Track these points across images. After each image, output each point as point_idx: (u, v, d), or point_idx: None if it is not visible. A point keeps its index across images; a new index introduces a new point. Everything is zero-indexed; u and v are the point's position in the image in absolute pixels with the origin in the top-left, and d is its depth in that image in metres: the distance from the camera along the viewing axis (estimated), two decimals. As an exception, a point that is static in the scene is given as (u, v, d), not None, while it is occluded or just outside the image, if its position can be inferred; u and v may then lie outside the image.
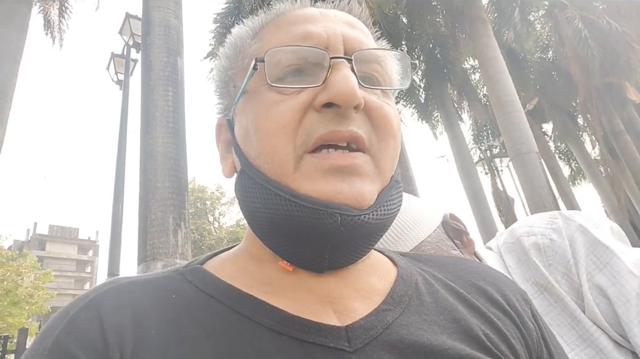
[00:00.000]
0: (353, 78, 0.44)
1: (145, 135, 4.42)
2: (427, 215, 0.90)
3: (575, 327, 0.79)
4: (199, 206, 24.69)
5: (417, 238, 0.85)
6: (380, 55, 0.51)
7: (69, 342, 0.39)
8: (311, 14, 0.51)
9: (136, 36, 7.40)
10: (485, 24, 9.67)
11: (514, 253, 0.90)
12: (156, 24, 4.97)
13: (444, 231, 0.89)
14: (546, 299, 0.82)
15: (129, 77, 7.80)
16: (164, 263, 3.78)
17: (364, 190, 0.44)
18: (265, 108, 0.46)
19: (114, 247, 5.82)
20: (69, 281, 48.20)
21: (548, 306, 0.82)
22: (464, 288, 0.53)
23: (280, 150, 0.44)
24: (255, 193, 0.46)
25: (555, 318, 0.81)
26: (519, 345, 0.48)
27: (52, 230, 50.85)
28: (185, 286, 0.46)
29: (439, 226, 0.89)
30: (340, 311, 0.45)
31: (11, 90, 5.94)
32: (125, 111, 7.21)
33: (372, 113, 0.47)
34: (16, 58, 6.13)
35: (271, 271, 0.48)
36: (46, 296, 19.39)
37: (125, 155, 6.77)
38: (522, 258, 0.88)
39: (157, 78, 4.65)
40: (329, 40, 0.48)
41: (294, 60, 0.47)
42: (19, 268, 18.16)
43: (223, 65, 0.56)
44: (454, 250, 0.87)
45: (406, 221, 0.86)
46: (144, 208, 4.08)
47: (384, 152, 0.47)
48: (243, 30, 0.55)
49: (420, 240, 0.85)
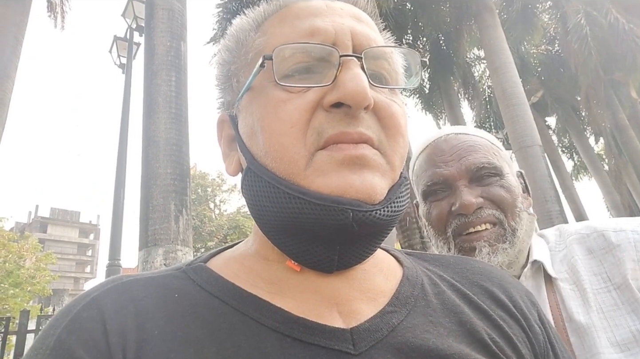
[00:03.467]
0: (364, 78, 0.43)
1: (147, 120, 4.40)
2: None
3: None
4: (199, 192, 24.74)
5: (505, 153, 0.99)
6: (388, 51, 0.50)
7: (71, 342, 0.39)
8: (317, 7, 0.50)
9: (139, 19, 7.32)
10: (492, 13, 9.55)
11: (588, 244, 0.89)
12: (160, 7, 4.91)
13: (517, 177, 0.99)
14: (613, 298, 0.81)
15: (131, 61, 7.74)
16: (165, 249, 3.79)
17: (375, 182, 0.43)
18: (273, 106, 0.45)
19: (115, 232, 5.84)
20: (70, 263, 48.63)
21: (613, 305, 0.80)
22: (470, 289, 0.52)
23: (290, 149, 0.43)
24: (263, 191, 0.45)
25: (617, 318, 0.79)
26: (525, 349, 0.48)
27: (54, 212, 51.16)
28: (188, 285, 0.46)
29: (514, 168, 1.00)
30: (346, 313, 0.44)
31: (13, 72, 5.90)
32: (127, 95, 7.17)
33: (381, 113, 0.46)
34: (18, 39, 6.08)
35: (278, 271, 0.48)
36: (48, 277, 19.54)
37: (127, 140, 6.75)
38: (599, 252, 0.86)
39: (160, 63, 4.61)
40: (337, 36, 0.46)
41: (301, 58, 0.46)
42: (20, 250, 18.28)
43: (225, 58, 0.54)
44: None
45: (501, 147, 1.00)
46: (145, 194, 4.08)
47: (394, 149, 0.47)
48: (245, 21, 0.54)
49: (507, 157, 0.98)
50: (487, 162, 0.92)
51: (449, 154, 0.95)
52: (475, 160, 0.92)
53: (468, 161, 0.92)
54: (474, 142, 0.96)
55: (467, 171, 0.92)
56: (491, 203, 0.91)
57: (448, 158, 0.94)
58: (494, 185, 0.91)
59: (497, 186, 0.91)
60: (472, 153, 0.93)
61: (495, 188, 0.91)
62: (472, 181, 0.92)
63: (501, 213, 0.90)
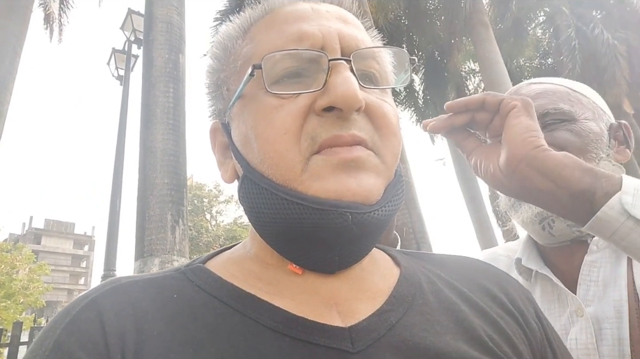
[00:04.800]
0: (354, 81, 0.44)
1: (145, 131, 4.42)
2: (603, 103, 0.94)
3: None
4: (196, 203, 24.65)
5: (594, 101, 0.91)
6: (377, 51, 0.50)
7: (70, 343, 0.38)
8: (303, 11, 0.50)
9: (138, 32, 7.39)
10: (487, 28, 9.70)
11: None
12: (158, 20, 4.96)
13: (608, 127, 0.90)
14: None
15: (129, 73, 7.78)
16: (162, 259, 3.78)
17: (371, 184, 0.44)
18: (265, 114, 0.45)
19: (110, 242, 5.80)
20: (64, 275, 48.06)
21: None
22: (468, 287, 0.53)
23: (285, 155, 0.44)
24: (261, 198, 0.45)
25: None
26: (523, 346, 0.48)
27: (48, 224, 50.70)
28: (187, 286, 0.46)
29: (608, 119, 0.92)
30: (345, 313, 0.45)
31: (11, 83, 5.91)
32: (125, 107, 7.19)
33: (373, 113, 0.47)
34: (17, 51, 6.10)
35: (277, 274, 0.48)
36: (41, 289, 19.28)
37: (124, 150, 6.75)
38: None
39: (158, 75, 4.65)
40: (325, 40, 0.47)
41: (290, 64, 0.46)
42: (13, 261, 18.07)
43: (213, 66, 0.54)
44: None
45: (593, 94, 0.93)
46: (142, 204, 4.07)
47: (387, 149, 0.47)
48: (231, 28, 0.54)
49: (594, 104, 0.90)
50: (554, 107, 0.86)
51: None
52: (539, 107, 0.85)
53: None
54: (543, 89, 0.90)
55: None
56: (555, 148, 0.83)
57: None
58: (560, 129, 0.85)
59: (564, 130, 0.85)
60: (537, 99, 0.87)
61: (560, 132, 0.85)
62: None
63: None
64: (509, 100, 0.64)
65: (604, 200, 0.55)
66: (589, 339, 0.75)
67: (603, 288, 0.78)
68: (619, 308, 0.75)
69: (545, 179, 0.59)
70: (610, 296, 0.76)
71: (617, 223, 0.54)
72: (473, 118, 0.68)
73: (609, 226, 0.55)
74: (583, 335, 0.76)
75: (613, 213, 0.54)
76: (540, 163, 0.59)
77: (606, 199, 0.55)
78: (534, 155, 0.59)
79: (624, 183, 0.56)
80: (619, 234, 0.55)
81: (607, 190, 0.55)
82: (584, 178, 0.57)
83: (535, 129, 0.62)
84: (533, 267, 0.87)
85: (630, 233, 0.54)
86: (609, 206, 0.55)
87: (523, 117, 0.62)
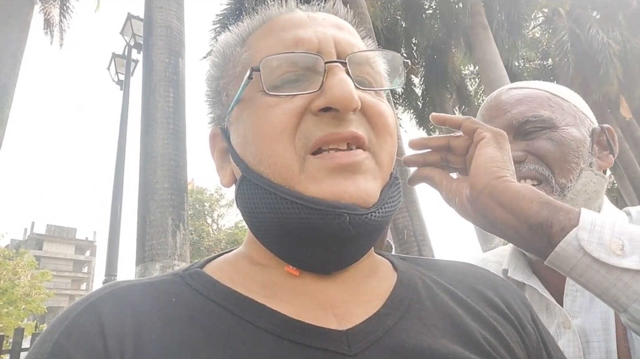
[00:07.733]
0: (350, 82, 0.45)
1: (145, 136, 4.42)
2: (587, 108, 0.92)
3: None
4: (197, 207, 24.67)
5: (575, 105, 0.88)
6: (371, 56, 0.52)
7: (69, 346, 0.39)
8: (299, 19, 0.51)
9: (137, 37, 7.40)
10: (485, 29, 9.72)
11: None
12: (158, 25, 4.97)
13: (590, 132, 0.87)
14: None
15: (129, 78, 7.80)
16: (163, 264, 3.77)
17: (368, 188, 0.45)
18: (262, 112, 0.46)
19: (112, 248, 5.80)
20: (65, 281, 48.04)
21: None
22: (464, 292, 0.53)
23: (281, 154, 0.45)
24: (259, 198, 0.46)
25: None
26: (519, 349, 0.49)
27: (50, 229, 50.73)
28: (185, 290, 0.46)
29: (590, 124, 0.88)
30: (341, 316, 0.45)
31: (12, 89, 5.94)
32: (125, 111, 7.20)
33: (369, 112, 0.47)
34: (17, 57, 6.12)
35: (273, 276, 0.49)
36: (43, 295, 19.28)
37: (124, 155, 6.76)
38: None
39: (158, 79, 4.66)
40: (321, 45, 0.48)
41: (288, 68, 0.47)
42: (15, 267, 18.07)
43: (213, 74, 0.56)
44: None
45: (576, 98, 0.90)
46: (142, 209, 4.07)
47: (383, 149, 0.48)
48: (230, 37, 0.55)
49: (576, 109, 0.87)
50: (534, 114, 0.84)
51: (495, 111, 0.90)
52: (519, 114, 0.85)
53: (511, 115, 0.86)
54: (523, 95, 0.88)
55: (510, 126, 0.85)
56: (535, 158, 0.82)
57: (494, 114, 0.89)
58: (540, 138, 0.83)
59: (544, 139, 0.82)
60: (517, 106, 0.86)
61: (540, 141, 0.82)
62: (517, 135, 0.85)
63: (546, 169, 0.81)
64: (481, 130, 0.63)
65: (561, 235, 0.53)
66: (576, 352, 0.74)
67: (590, 299, 0.77)
68: (606, 320, 0.74)
69: (503, 210, 0.57)
70: (596, 308, 0.75)
71: (574, 260, 0.53)
72: (449, 147, 0.66)
73: (567, 262, 0.53)
74: (570, 348, 0.74)
75: (570, 249, 0.53)
76: (499, 193, 0.57)
77: (563, 234, 0.53)
78: (494, 185, 0.58)
79: (582, 217, 0.54)
80: (577, 270, 0.53)
81: (564, 225, 0.53)
82: (542, 211, 0.55)
83: (500, 160, 0.60)
84: (519, 279, 0.85)
85: (587, 270, 0.52)
86: (565, 241, 0.53)
87: (490, 148, 0.61)
